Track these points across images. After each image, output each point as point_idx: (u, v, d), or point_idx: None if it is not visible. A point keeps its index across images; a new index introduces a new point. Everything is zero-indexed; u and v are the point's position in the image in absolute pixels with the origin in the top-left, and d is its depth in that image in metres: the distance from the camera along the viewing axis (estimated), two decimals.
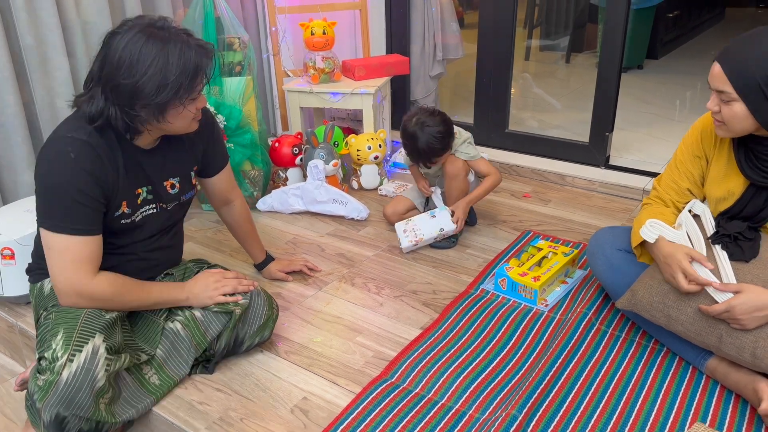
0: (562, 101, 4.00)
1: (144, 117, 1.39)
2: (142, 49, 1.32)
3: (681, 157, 1.71)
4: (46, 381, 1.32)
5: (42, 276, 1.59)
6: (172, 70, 1.34)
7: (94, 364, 1.35)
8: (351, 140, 2.69)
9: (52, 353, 1.34)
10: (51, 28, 2.28)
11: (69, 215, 1.38)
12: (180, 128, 1.48)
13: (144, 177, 1.53)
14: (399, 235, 2.18)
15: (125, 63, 1.32)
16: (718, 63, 1.43)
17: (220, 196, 1.84)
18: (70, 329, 1.38)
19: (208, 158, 1.73)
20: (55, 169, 1.37)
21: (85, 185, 1.38)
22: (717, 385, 1.54)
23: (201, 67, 1.39)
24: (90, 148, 1.39)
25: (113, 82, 1.34)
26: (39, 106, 2.33)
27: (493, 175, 2.22)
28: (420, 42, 3.24)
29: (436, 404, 1.51)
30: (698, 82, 4.43)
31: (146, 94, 1.33)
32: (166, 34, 1.35)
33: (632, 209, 2.53)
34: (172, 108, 1.39)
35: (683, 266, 1.49)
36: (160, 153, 1.55)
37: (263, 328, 1.67)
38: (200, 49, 1.39)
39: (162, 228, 1.64)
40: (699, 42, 5.74)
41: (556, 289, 1.97)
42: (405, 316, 1.86)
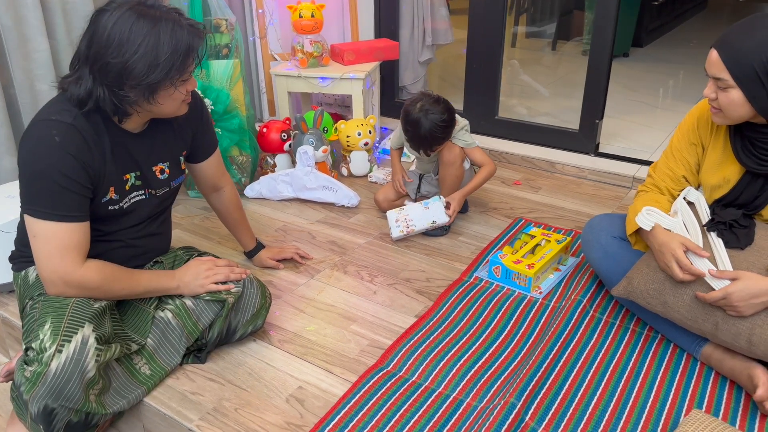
0: (549, 88, 3.99)
1: (133, 98, 1.34)
2: (133, 27, 1.28)
3: (677, 145, 1.71)
4: (34, 372, 1.28)
5: (26, 264, 1.54)
6: (163, 50, 1.29)
7: (84, 354, 1.31)
8: (341, 126, 2.65)
9: (39, 344, 1.30)
10: (30, 8, 2.20)
11: (54, 201, 1.33)
12: (170, 111, 1.44)
13: (132, 162, 1.48)
14: (390, 224, 2.16)
15: (114, 41, 1.27)
16: (716, 50, 1.43)
17: (209, 182, 1.80)
18: (58, 319, 1.34)
19: (197, 143, 1.68)
20: (39, 153, 1.32)
21: (71, 170, 1.33)
22: (712, 372, 1.55)
23: (193, 48, 1.35)
24: (75, 131, 1.34)
25: (102, 62, 1.29)
26: (18, 88, 2.26)
27: (488, 165, 2.20)
28: (409, 27, 3.20)
29: (433, 392, 1.50)
30: (681, 70, 4.45)
31: (137, 73, 1.29)
32: (157, 13, 1.31)
33: (622, 197, 2.54)
34: (163, 89, 1.35)
35: (677, 255, 1.49)
36: (149, 137, 1.51)
37: (256, 317, 1.64)
38: (192, 29, 1.35)
39: (151, 214, 1.59)
40: (682, 30, 5.78)
41: (550, 276, 1.96)
42: (399, 304, 1.85)
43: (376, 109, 2.99)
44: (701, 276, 1.46)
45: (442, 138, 2.08)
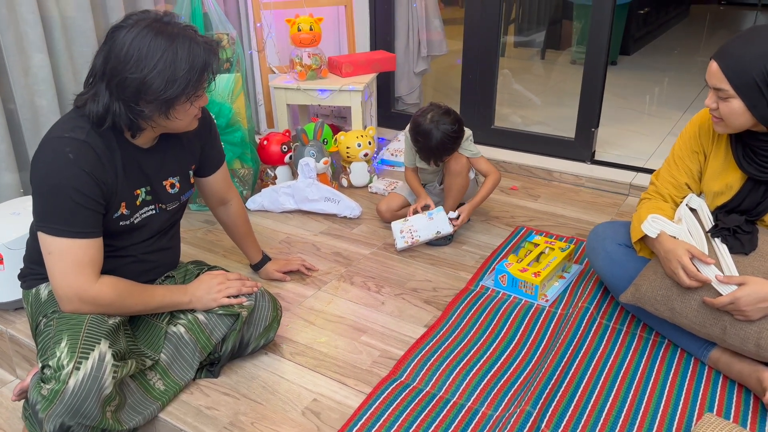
0: (540, 97, 4.04)
1: (149, 113, 1.35)
2: (151, 44, 1.29)
3: (679, 153, 1.74)
4: (52, 390, 1.28)
5: (36, 281, 1.53)
6: (181, 66, 1.31)
7: (102, 371, 1.31)
8: (340, 138, 2.66)
9: (57, 361, 1.30)
10: (30, 24, 2.20)
11: (68, 218, 1.33)
12: (182, 126, 1.45)
13: (143, 177, 1.49)
14: (395, 234, 2.17)
15: (133, 57, 1.28)
16: (715, 61, 1.46)
17: (216, 196, 1.81)
18: (74, 336, 1.33)
19: (205, 157, 1.69)
20: (53, 170, 1.32)
21: (85, 187, 1.33)
22: (720, 376, 1.58)
23: (208, 64, 1.37)
24: (88, 148, 1.35)
25: (119, 77, 1.30)
26: (19, 104, 2.25)
27: (493, 174, 2.23)
28: (404, 38, 3.23)
29: (448, 402, 1.51)
30: (667, 77, 4.53)
31: (154, 89, 1.30)
32: (174, 30, 1.33)
33: (620, 203, 2.58)
34: (178, 104, 1.37)
35: (683, 262, 1.52)
36: (159, 152, 1.51)
37: (268, 330, 1.65)
38: (207, 46, 1.37)
39: (161, 229, 1.60)
40: (666, 38, 5.88)
41: (555, 284, 1.98)
42: (408, 314, 1.86)
43: (374, 120, 3.01)
44: (708, 282, 1.49)
45: (452, 148, 2.11)
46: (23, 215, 1.90)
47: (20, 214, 1.91)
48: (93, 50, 2.42)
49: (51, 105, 2.32)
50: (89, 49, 2.42)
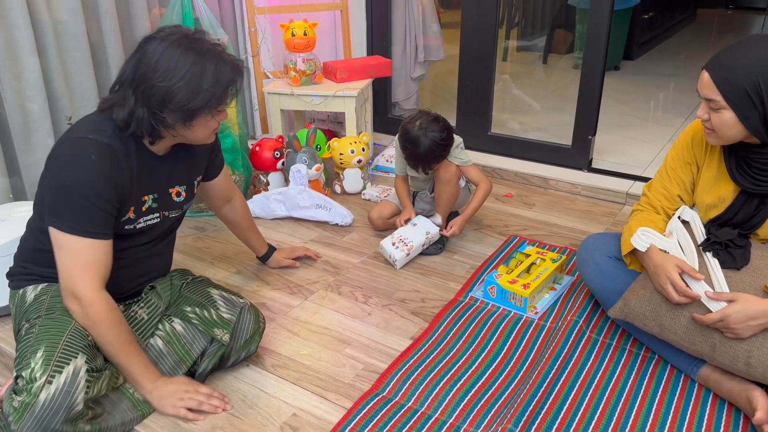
0: (541, 103, 4.01)
1: (170, 122, 1.40)
2: (181, 56, 1.35)
3: (671, 164, 1.71)
4: (22, 402, 1.26)
5: (25, 282, 1.52)
6: (207, 79, 1.37)
7: (74, 386, 1.29)
8: (334, 144, 2.64)
9: (30, 373, 1.28)
10: (21, 29, 2.19)
11: (83, 217, 1.36)
12: (201, 137, 1.49)
13: (153, 184, 1.52)
14: (389, 250, 2.11)
15: (162, 67, 1.34)
16: (707, 72, 1.43)
17: (221, 195, 1.86)
18: (51, 347, 1.32)
19: (210, 165, 1.75)
20: (74, 169, 1.35)
21: (103, 189, 1.37)
22: (710, 394, 1.54)
23: (233, 81, 1.42)
24: (110, 151, 1.39)
25: (147, 84, 1.35)
26: (9, 109, 2.24)
27: (484, 184, 2.20)
28: (401, 43, 3.20)
29: (430, 418, 1.48)
30: (672, 83, 4.48)
31: (179, 98, 1.36)
32: (204, 46, 1.39)
33: (616, 213, 2.54)
34: (201, 116, 1.41)
35: (672, 278, 1.48)
36: (171, 161, 1.55)
37: (249, 343, 1.62)
38: (234, 65, 1.43)
39: (159, 236, 1.60)
40: (672, 43, 5.82)
41: (545, 296, 1.95)
42: (394, 325, 1.83)
43: (369, 125, 2.98)
44: (697, 298, 1.46)
45: (440, 156, 2.08)
46: (8, 222, 1.89)
47: (5, 220, 1.89)
48: (85, 55, 2.43)
49: (42, 110, 2.30)
50: (81, 54, 2.41)
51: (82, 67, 2.44)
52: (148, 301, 1.60)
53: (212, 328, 1.56)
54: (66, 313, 1.42)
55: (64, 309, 1.43)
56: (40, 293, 1.49)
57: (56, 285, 1.49)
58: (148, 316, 1.58)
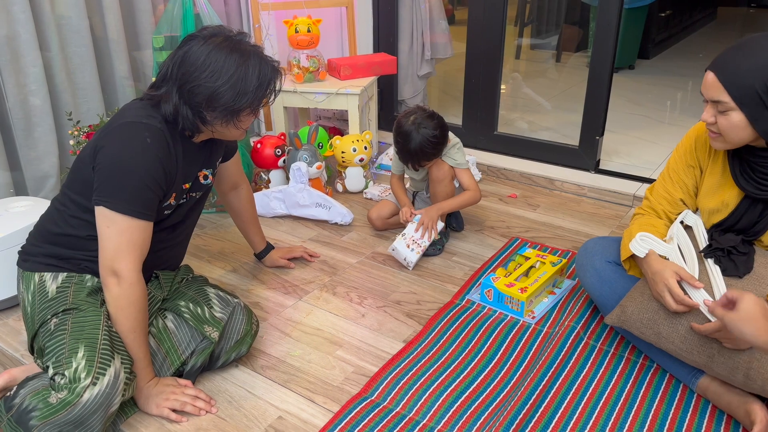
0: (551, 102, 3.95)
1: (211, 120, 1.46)
2: (227, 58, 1.40)
3: (674, 167, 1.66)
4: (62, 400, 1.27)
5: (42, 266, 1.50)
6: (251, 81, 1.42)
7: (115, 389, 1.32)
8: (336, 142, 2.61)
9: (73, 373, 1.29)
10: (23, 24, 2.19)
11: (134, 198, 1.39)
12: (236, 135, 1.55)
13: (191, 171, 1.57)
14: (404, 252, 2.06)
15: (209, 68, 1.39)
16: (712, 72, 1.38)
17: (231, 180, 1.88)
18: (91, 348, 1.33)
19: (226, 147, 1.78)
20: (130, 151, 1.39)
21: (156, 172, 1.41)
22: (708, 405, 1.49)
23: (273, 81, 1.47)
24: (162, 136, 1.43)
25: (192, 84, 1.40)
26: (11, 103, 2.25)
27: (473, 192, 2.14)
28: (408, 40, 3.16)
29: (418, 424, 1.45)
30: (689, 82, 4.39)
31: (225, 100, 1.41)
32: (246, 48, 1.44)
33: (623, 215, 2.48)
34: (243, 115, 1.47)
35: (670, 285, 1.43)
36: (207, 148, 1.61)
37: (240, 344, 1.60)
38: (273, 66, 1.48)
39: (181, 219, 1.63)
40: (691, 42, 5.71)
41: (544, 300, 1.91)
42: (387, 328, 1.80)
43: (373, 123, 2.95)
44: (695, 308, 1.41)
45: (431, 154, 2.04)
46: (4, 216, 1.89)
47: (1, 215, 1.89)
48: (88, 50, 2.43)
49: (44, 105, 2.31)
50: (84, 49, 2.41)
51: (85, 63, 2.44)
52: (149, 294, 1.58)
53: (203, 325, 1.54)
54: (93, 308, 1.42)
55: (90, 303, 1.44)
56: (62, 285, 1.48)
57: (77, 276, 1.49)
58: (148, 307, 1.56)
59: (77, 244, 1.48)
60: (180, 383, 1.52)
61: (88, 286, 1.48)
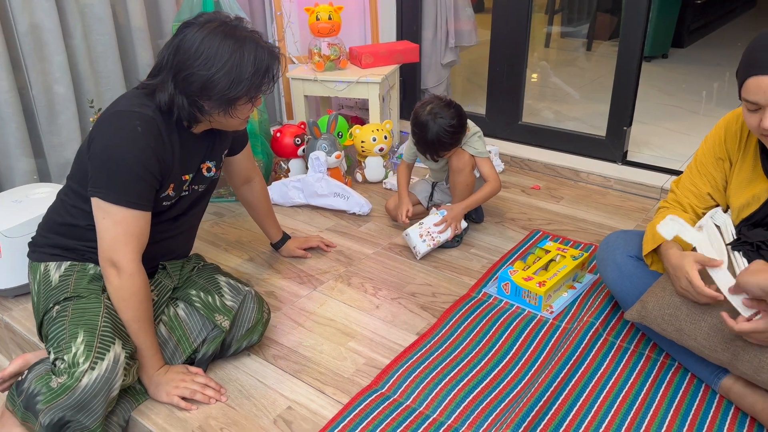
0: (580, 91, 3.85)
1: (208, 109, 1.42)
2: (221, 44, 1.35)
3: (702, 159, 1.59)
4: (62, 385, 1.28)
5: (47, 256, 1.52)
6: (247, 69, 1.37)
7: (114, 373, 1.32)
8: (355, 131, 2.58)
9: (72, 357, 1.30)
10: (47, 12, 2.21)
11: (129, 188, 1.38)
12: (236, 124, 1.51)
13: (192, 163, 1.54)
14: (415, 241, 2.04)
15: (202, 55, 1.35)
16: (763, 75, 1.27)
17: (242, 174, 1.86)
18: (90, 331, 1.34)
19: (234, 139, 1.75)
20: (121, 141, 1.37)
21: (148, 161, 1.38)
22: (731, 407, 1.43)
23: (271, 68, 1.42)
24: (155, 125, 1.40)
25: (186, 72, 1.36)
26: (35, 91, 2.27)
27: (493, 182, 2.10)
28: (432, 28, 3.11)
29: (428, 418, 1.42)
30: (726, 72, 4.24)
31: (220, 88, 1.37)
32: (242, 34, 1.39)
33: (649, 209, 2.41)
34: (240, 104, 1.43)
35: (690, 276, 1.37)
36: (207, 139, 1.58)
37: (251, 332, 1.60)
38: (271, 51, 1.43)
39: (183, 210, 1.60)
40: (728, 30, 5.52)
41: (563, 294, 1.86)
42: (401, 320, 1.77)
43: (394, 112, 2.92)
44: (720, 299, 1.34)
45: (449, 144, 2.00)
46: (24, 203, 1.91)
47: (21, 202, 1.92)
48: (111, 38, 2.44)
49: (67, 93, 2.33)
50: (107, 37, 2.42)
51: (108, 50, 2.45)
52: (158, 283, 1.60)
53: (214, 313, 1.54)
54: (95, 295, 1.43)
55: (91, 290, 1.44)
56: (64, 273, 1.49)
57: (79, 264, 1.50)
58: (157, 296, 1.57)
59: (78, 233, 1.48)
60: (191, 371, 1.52)
61: (90, 273, 1.48)
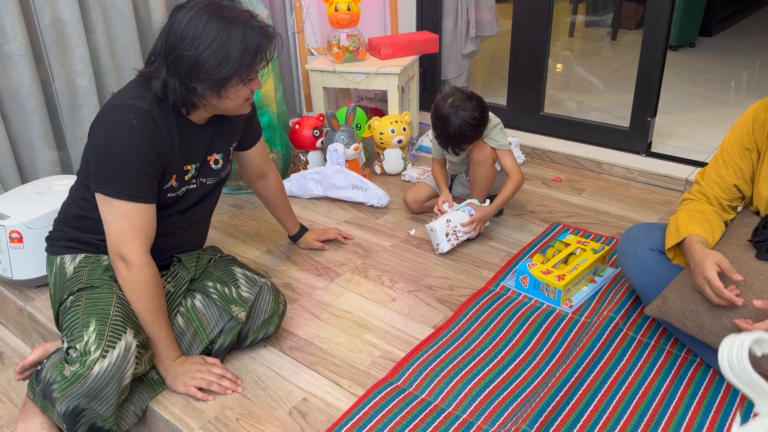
0: (604, 81, 3.79)
1: (201, 91, 1.39)
2: (207, 23, 1.33)
3: (729, 149, 1.55)
4: (75, 373, 1.29)
5: (63, 249, 1.54)
6: (234, 47, 1.34)
7: (126, 361, 1.33)
8: (374, 123, 2.57)
9: (84, 346, 1.31)
10: (69, 5, 2.22)
11: (130, 182, 1.38)
12: (233, 107, 1.47)
13: (195, 153, 1.53)
14: (440, 239, 2.00)
15: (188, 36, 1.33)
16: None
17: (255, 169, 1.85)
18: (102, 320, 1.35)
19: (246, 132, 1.73)
20: (117, 135, 1.37)
21: (146, 153, 1.38)
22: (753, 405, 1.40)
23: (262, 48, 1.39)
24: (151, 117, 1.39)
25: (175, 54, 1.35)
26: (58, 84, 2.30)
27: (516, 176, 2.06)
28: (452, 18, 3.08)
29: (443, 412, 1.41)
30: (757, 61, 4.13)
31: (207, 68, 1.34)
32: (230, 14, 1.36)
33: (673, 201, 2.36)
34: (231, 85, 1.39)
35: (709, 277, 1.34)
36: (211, 129, 1.56)
37: (267, 323, 1.60)
38: (262, 30, 1.39)
39: (193, 203, 1.60)
40: (758, 18, 5.37)
41: (583, 288, 1.83)
42: (418, 313, 1.76)
43: (413, 104, 2.90)
44: (738, 304, 1.32)
45: (471, 137, 1.97)
46: (46, 195, 1.94)
47: (44, 193, 1.94)
48: (132, 31, 2.45)
49: (89, 85, 2.35)
50: (128, 30, 2.44)
51: (129, 43, 2.47)
52: (175, 274, 1.61)
53: (230, 305, 1.55)
54: (107, 285, 1.44)
55: (104, 281, 1.46)
56: (78, 265, 1.51)
57: (93, 256, 1.52)
58: (174, 288, 1.59)
59: (91, 226, 1.49)
60: (208, 362, 1.53)
61: (104, 265, 1.50)
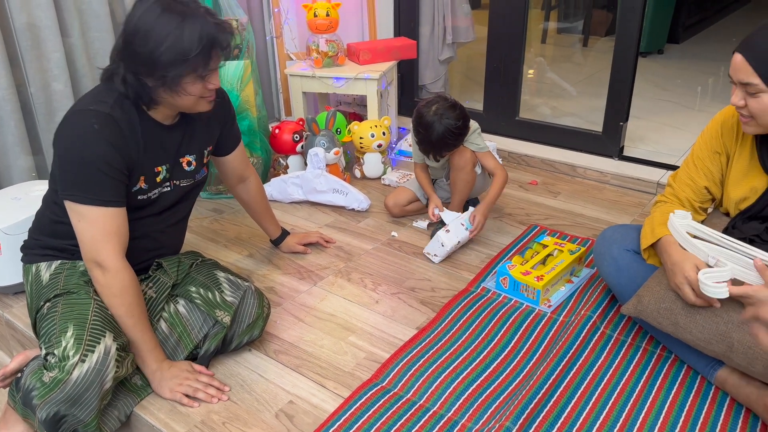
0: (577, 87, 3.87)
1: (156, 87, 1.38)
2: (158, 19, 1.31)
3: (699, 153, 1.61)
4: (54, 378, 1.28)
5: (38, 257, 1.53)
6: (188, 42, 1.32)
7: (106, 365, 1.31)
8: (354, 127, 2.59)
9: (62, 351, 1.30)
10: (44, 9, 2.20)
11: (96, 187, 1.37)
12: (189, 104, 1.44)
13: (164, 154, 1.51)
14: (445, 252, 2.01)
15: (141, 31, 1.32)
16: (740, 54, 1.33)
17: (235, 174, 1.84)
18: (80, 325, 1.34)
19: (223, 137, 1.73)
20: (79, 141, 1.36)
21: (110, 157, 1.37)
22: (727, 398, 1.45)
23: (217, 43, 1.37)
24: (112, 120, 1.38)
25: (129, 50, 1.35)
26: (33, 88, 2.27)
27: (501, 172, 2.10)
28: (429, 25, 3.12)
29: (428, 411, 1.44)
30: (722, 67, 4.26)
31: (162, 63, 1.32)
32: (185, 9, 1.34)
33: (646, 203, 2.43)
34: (185, 81, 1.37)
35: (689, 277, 1.39)
36: (180, 129, 1.54)
37: (252, 327, 1.61)
38: (218, 26, 1.37)
39: (171, 206, 1.60)
40: (724, 26, 5.54)
41: (561, 288, 1.88)
42: (401, 314, 1.79)
43: (392, 109, 2.93)
44: (715, 306, 1.37)
45: (452, 144, 2.01)
46: (23, 201, 1.92)
47: (21, 199, 1.92)
48: (108, 34, 2.43)
49: (65, 90, 2.33)
50: (104, 33, 2.42)
51: (106, 47, 2.45)
52: (156, 280, 1.60)
53: (214, 309, 1.55)
54: (84, 290, 1.43)
55: (81, 286, 1.45)
56: (54, 272, 1.50)
57: (69, 263, 1.51)
58: (156, 294, 1.58)
59: (64, 231, 1.47)
60: (195, 368, 1.53)
61: (80, 270, 1.49)
